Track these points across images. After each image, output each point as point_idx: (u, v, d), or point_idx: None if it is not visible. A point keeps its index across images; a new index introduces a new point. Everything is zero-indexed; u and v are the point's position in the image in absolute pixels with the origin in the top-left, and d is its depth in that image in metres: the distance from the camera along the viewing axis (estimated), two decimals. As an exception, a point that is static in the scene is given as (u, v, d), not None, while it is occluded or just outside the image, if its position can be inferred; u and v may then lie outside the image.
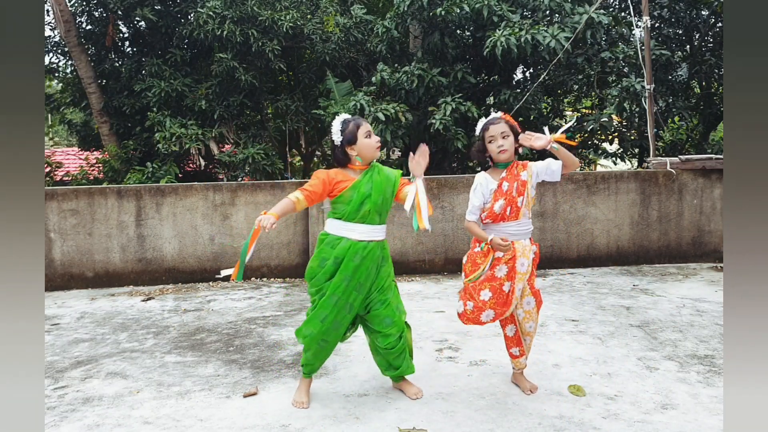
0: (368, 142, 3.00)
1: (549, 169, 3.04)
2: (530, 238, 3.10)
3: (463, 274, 3.12)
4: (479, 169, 3.31)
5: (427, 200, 2.97)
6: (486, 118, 3.14)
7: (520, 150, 3.10)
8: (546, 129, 2.98)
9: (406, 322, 3.16)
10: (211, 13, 8.93)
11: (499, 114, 3.11)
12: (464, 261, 3.13)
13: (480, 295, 3.01)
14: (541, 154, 9.76)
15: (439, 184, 6.44)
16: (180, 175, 10.46)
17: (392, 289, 3.13)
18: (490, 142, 3.02)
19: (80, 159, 12.51)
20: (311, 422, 2.89)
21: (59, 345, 4.25)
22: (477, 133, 3.13)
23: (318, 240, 3.07)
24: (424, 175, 3.06)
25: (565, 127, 3.25)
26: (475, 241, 3.10)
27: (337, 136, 3.03)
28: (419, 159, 2.98)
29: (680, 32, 10.39)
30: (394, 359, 3.12)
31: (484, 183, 3.04)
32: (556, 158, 3.02)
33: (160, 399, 3.23)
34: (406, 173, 3.13)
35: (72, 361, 3.90)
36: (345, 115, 3.09)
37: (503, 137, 2.98)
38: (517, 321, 3.16)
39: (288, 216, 6.43)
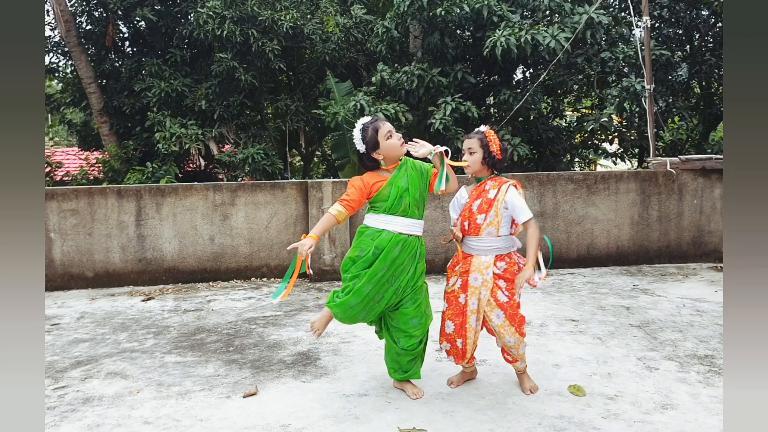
0: (391, 143, 3.01)
1: (514, 209, 3.02)
2: (500, 256, 3.05)
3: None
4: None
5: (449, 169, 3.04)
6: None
7: (494, 171, 3.11)
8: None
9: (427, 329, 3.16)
10: (211, 13, 8.93)
11: (484, 129, 3.14)
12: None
13: (443, 306, 3.21)
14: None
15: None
16: (180, 175, 10.47)
17: (424, 291, 3.13)
18: (463, 153, 3.15)
19: (80, 159, 12.51)
20: (311, 422, 2.89)
21: (59, 345, 4.25)
22: None
23: (357, 233, 3.07)
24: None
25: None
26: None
27: (360, 145, 3.03)
28: (416, 146, 3.04)
29: (680, 32, 10.39)
30: (408, 362, 3.12)
31: (458, 197, 3.20)
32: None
33: (160, 399, 3.23)
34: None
35: (72, 361, 3.90)
36: (364, 120, 3.06)
37: (469, 153, 3.09)
38: (495, 334, 3.13)
39: (288, 216, 6.44)
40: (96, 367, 3.76)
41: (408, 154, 3.11)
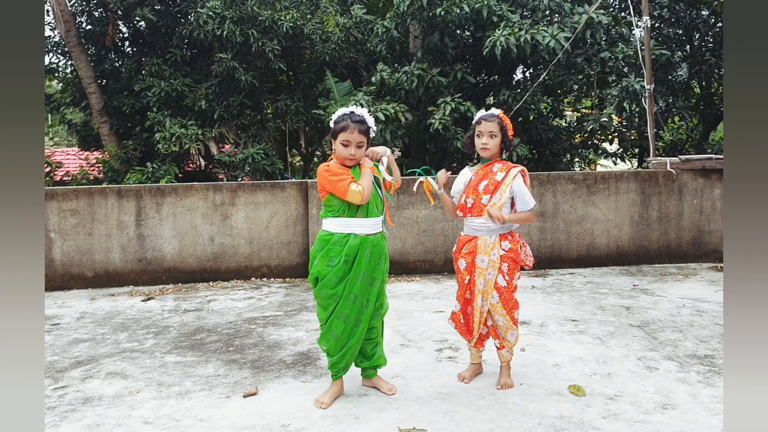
0: (340, 149, 2.96)
1: (520, 195, 3.15)
2: (504, 235, 3.15)
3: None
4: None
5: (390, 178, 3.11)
6: (482, 111, 3.24)
7: (505, 155, 3.21)
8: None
9: None
10: (211, 13, 8.93)
11: (498, 112, 3.16)
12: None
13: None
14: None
15: (439, 184, 6.42)
16: (180, 175, 10.46)
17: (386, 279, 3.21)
18: (477, 136, 3.14)
19: (80, 159, 12.51)
20: (311, 422, 2.89)
21: (59, 345, 4.25)
22: (473, 123, 3.25)
23: (320, 241, 3.03)
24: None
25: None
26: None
27: (332, 123, 3.04)
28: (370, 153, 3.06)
29: (680, 32, 10.40)
30: (372, 348, 3.19)
31: (462, 175, 3.26)
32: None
33: (160, 399, 3.23)
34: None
35: (72, 361, 3.90)
36: (350, 109, 3.02)
37: (490, 136, 3.10)
38: (489, 314, 3.21)
39: (288, 216, 6.44)
40: (96, 367, 3.76)
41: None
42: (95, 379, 3.55)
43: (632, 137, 10.76)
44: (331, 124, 3.04)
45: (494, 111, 3.18)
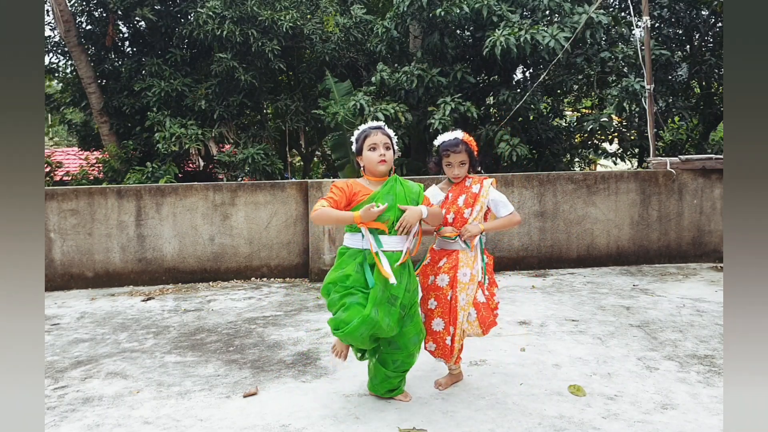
0: (369, 156, 2.89)
1: (495, 204, 3.16)
2: (485, 249, 3.17)
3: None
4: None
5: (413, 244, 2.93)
6: (445, 137, 3.17)
7: (472, 172, 3.22)
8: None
9: None
10: (210, 13, 8.93)
11: (461, 136, 3.15)
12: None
13: (427, 305, 3.12)
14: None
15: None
16: (180, 175, 10.47)
17: (417, 305, 3.02)
18: (447, 165, 3.15)
19: (80, 159, 12.52)
20: (311, 422, 2.89)
21: (59, 345, 4.25)
22: (435, 146, 3.22)
23: (338, 254, 2.93)
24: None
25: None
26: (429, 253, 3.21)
27: (354, 145, 3.01)
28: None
29: (680, 32, 10.39)
30: (399, 381, 3.05)
31: (434, 195, 3.18)
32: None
33: (160, 399, 3.23)
34: (406, 173, 3.16)
35: (72, 361, 3.90)
36: (369, 124, 3.00)
37: (460, 165, 3.13)
38: (458, 324, 3.08)
39: (288, 216, 6.44)
40: (96, 367, 3.76)
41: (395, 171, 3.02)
42: (95, 379, 3.55)
43: (632, 137, 10.76)
44: (353, 146, 2.99)
45: (458, 135, 3.12)
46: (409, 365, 3.03)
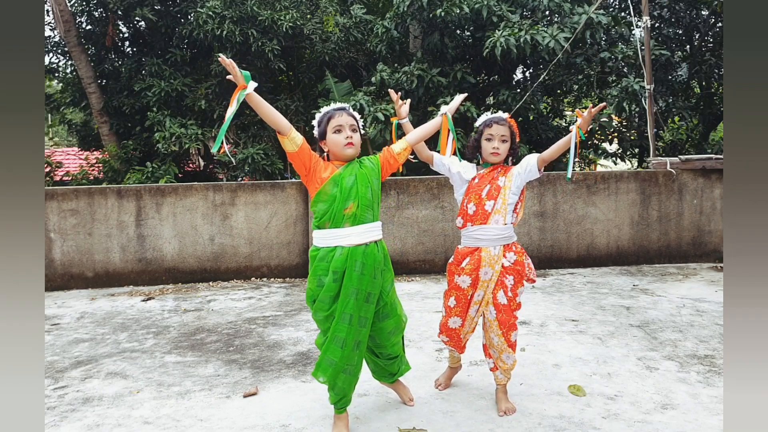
0: (334, 138, 2.65)
1: (527, 167, 2.99)
2: (508, 246, 2.98)
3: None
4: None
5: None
6: (490, 113, 3.08)
7: (510, 162, 3.10)
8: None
9: None
10: (210, 13, 8.92)
11: (506, 115, 3.05)
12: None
13: (448, 301, 3.07)
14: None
15: (439, 184, 6.43)
16: (180, 175, 10.46)
17: (394, 293, 2.88)
18: (487, 139, 2.99)
19: (80, 159, 12.51)
20: (311, 422, 2.89)
21: (59, 345, 4.25)
22: (477, 124, 3.08)
23: (309, 258, 2.79)
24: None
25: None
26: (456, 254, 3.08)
27: (315, 129, 2.78)
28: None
29: (680, 32, 10.39)
30: (393, 365, 2.98)
31: (468, 167, 3.06)
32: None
33: (160, 399, 3.23)
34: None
35: (72, 361, 3.90)
36: (335, 105, 2.79)
37: (502, 140, 2.97)
38: (484, 329, 3.05)
39: (288, 216, 6.44)
40: (96, 367, 3.76)
41: (364, 153, 2.85)
42: (95, 379, 3.55)
43: (632, 137, 10.76)
44: (315, 130, 2.78)
45: (503, 114, 3.03)
46: (397, 351, 2.93)
